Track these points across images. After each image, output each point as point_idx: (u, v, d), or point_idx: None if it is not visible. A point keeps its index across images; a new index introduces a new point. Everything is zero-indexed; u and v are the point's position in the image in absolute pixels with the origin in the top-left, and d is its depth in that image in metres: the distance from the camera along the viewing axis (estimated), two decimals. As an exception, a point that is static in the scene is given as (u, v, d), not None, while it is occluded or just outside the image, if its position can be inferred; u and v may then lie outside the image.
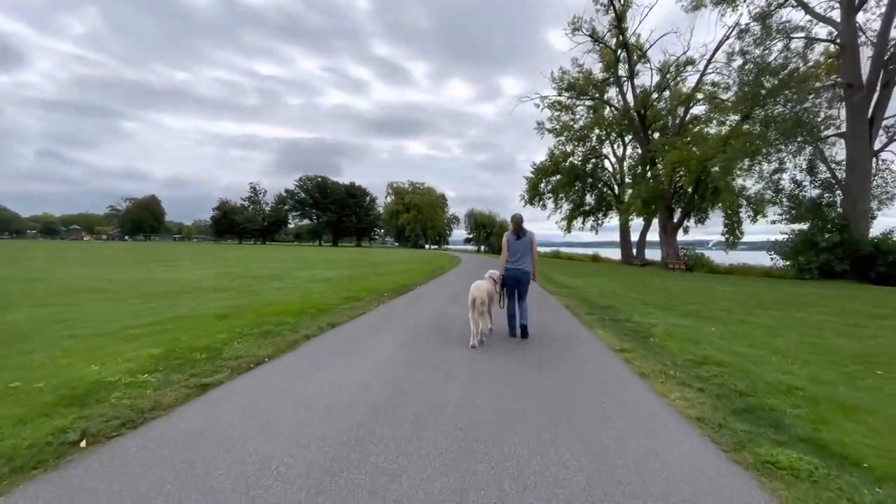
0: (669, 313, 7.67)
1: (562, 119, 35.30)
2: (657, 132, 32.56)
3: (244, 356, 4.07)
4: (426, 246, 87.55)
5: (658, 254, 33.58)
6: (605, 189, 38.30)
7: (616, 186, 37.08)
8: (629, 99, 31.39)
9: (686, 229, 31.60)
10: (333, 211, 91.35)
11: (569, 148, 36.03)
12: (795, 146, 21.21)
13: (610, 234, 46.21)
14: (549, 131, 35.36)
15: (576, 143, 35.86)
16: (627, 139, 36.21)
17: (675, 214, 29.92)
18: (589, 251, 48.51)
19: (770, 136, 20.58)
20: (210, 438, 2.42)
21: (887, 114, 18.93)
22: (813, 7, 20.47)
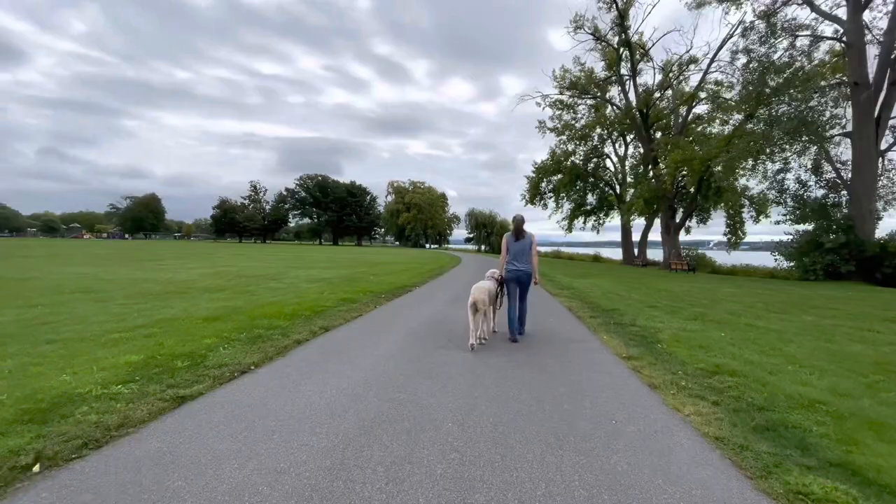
0: (675, 316, 7.43)
1: (563, 118, 35.09)
2: (659, 131, 32.29)
3: (229, 364, 3.84)
4: (426, 245, 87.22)
5: (659, 254, 33.35)
6: (607, 189, 38.03)
7: (618, 186, 36.82)
8: (631, 98, 31.14)
9: (688, 229, 31.37)
10: (334, 210, 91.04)
11: (570, 147, 35.80)
12: (800, 146, 20.94)
13: (610, 234, 46.03)
14: (551, 130, 35.12)
15: (577, 142, 35.62)
16: (629, 138, 35.95)
17: (678, 214, 29.68)
18: (589, 251, 48.32)
19: (774, 136, 20.31)
20: (179, 461, 2.18)
21: (894, 113, 18.64)
22: (819, 5, 20.20)
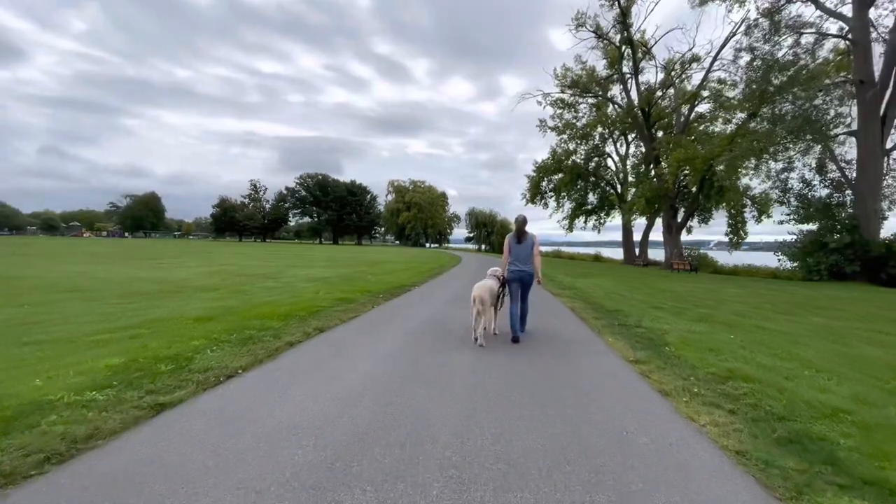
0: (681, 318, 7.22)
1: (564, 117, 34.85)
2: (661, 130, 32.06)
3: (215, 367, 3.63)
4: (427, 245, 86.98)
5: (660, 254, 33.14)
6: (608, 188, 37.80)
7: (619, 185, 36.59)
8: (633, 96, 30.91)
9: (689, 229, 31.15)
10: (334, 209, 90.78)
11: (571, 146, 35.56)
12: (804, 145, 20.70)
13: (611, 234, 45.80)
14: (552, 129, 34.87)
15: (578, 141, 35.39)
16: (631, 137, 35.72)
17: (679, 214, 29.45)
18: (590, 251, 48.06)
19: (778, 135, 20.07)
20: (147, 481, 1.97)
21: (900, 112, 18.38)
22: (823, 2, 19.95)
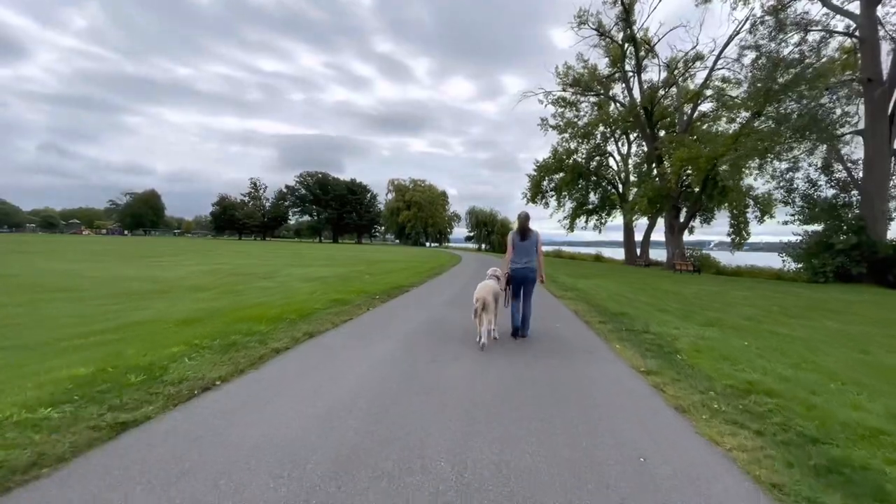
0: (689, 322, 6.92)
1: (566, 115, 34.58)
2: (663, 130, 31.75)
3: (190, 378, 3.33)
4: (427, 244, 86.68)
5: (661, 254, 32.84)
6: (609, 187, 37.51)
7: (620, 185, 36.30)
8: (635, 95, 30.59)
9: (691, 229, 30.86)
10: (334, 207, 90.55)
11: (572, 145, 35.28)
12: (809, 144, 20.37)
13: (612, 234, 45.50)
14: (553, 128, 34.60)
15: (580, 140, 35.09)
16: (633, 137, 35.42)
17: (681, 214, 29.15)
18: (591, 250, 47.76)
19: (784, 134, 19.75)
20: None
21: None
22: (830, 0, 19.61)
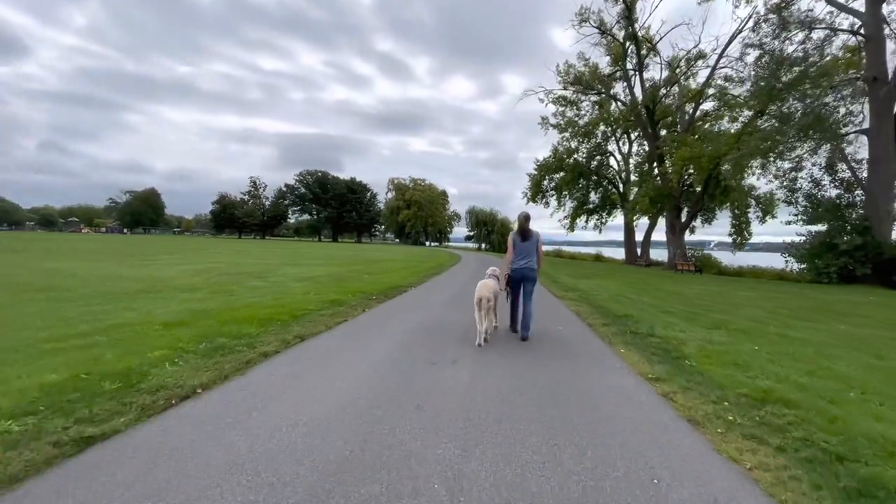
0: (695, 324, 6.71)
1: (566, 114, 34.36)
2: (664, 129, 31.51)
3: (170, 386, 3.12)
4: (426, 243, 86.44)
5: (661, 254, 32.66)
6: (610, 187, 37.31)
7: (621, 184, 36.10)
8: (637, 93, 30.34)
9: (692, 229, 30.66)
10: (333, 206, 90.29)
11: (573, 144, 35.08)
12: (813, 143, 20.13)
13: (612, 234, 45.34)
14: (554, 127, 34.38)
15: (580, 140, 34.89)
16: (634, 136, 35.21)
17: (683, 214, 28.93)
18: (591, 250, 47.56)
19: (787, 133, 19.51)
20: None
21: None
22: (835, -4, 19.37)
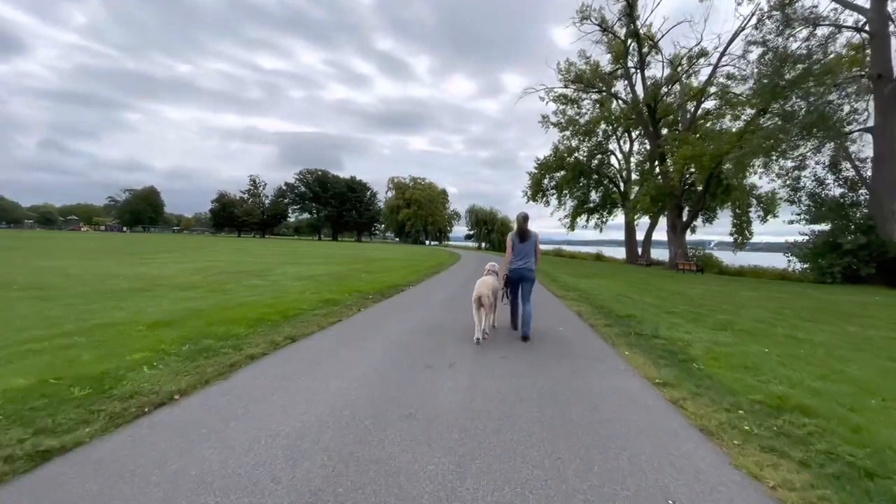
0: (700, 325, 6.51)
1: (567, 113, 34.13)
2: (666, 128, 31.29)
3: (145, 391, 2.92)
4: (426, 242, 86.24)
5: (662, 253, 32.48)
6: (611, 186, 37.10)
7: (622, 183, 35.90)
8: (638, 92, 30.10)
9: (693, 229, 30.45)
10: (333, 205, 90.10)
11: (574, 143, 34.87)
12: (817, 142, 19.91)
13: (612, 233, 45.17)
14: (554, 125, 34.16)
15: (581, 138, 34.67)
16: (635, 135, 34.99)
17: (684, 213, 28.72)
18: (591, 249, 47.36)
19: (790, 131, 19.29)
20: None
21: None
22: (840, -7, 19.13)
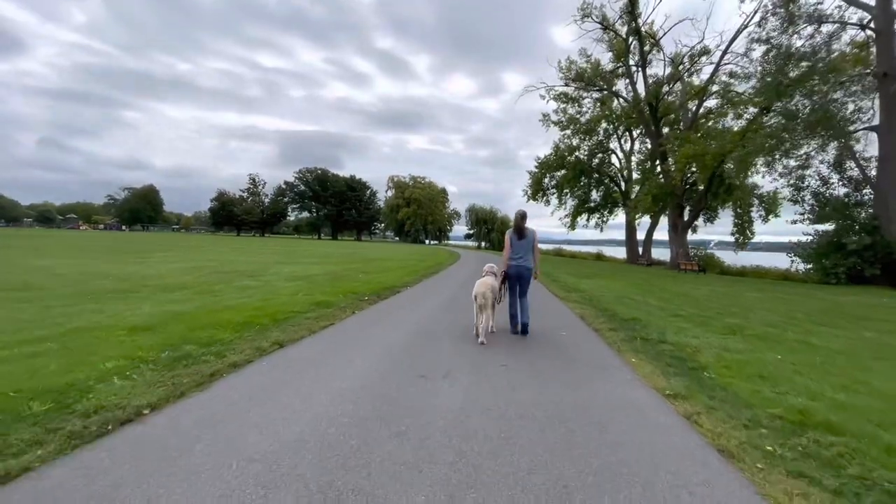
0: (708, 329, 6.26)
1: (568, 111, 33.87)
2: (667, 127, 31.03)
3: (110, 406, 2.66)
4: (426, 241, 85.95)
5: (662, 253, 32.26)
6: (612, 185, 36.86)
7: (623, 183, 35.65)
8: (640, 90, 29.82)
9: (694, 228, 30.21)
10: (333, 204, 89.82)
11: (575, 141, 34.64)
12: (821, 140, 19.65)
13: (612, 233, 45.01)
14: (555, 124, 33.91)
15: (582, 137, 34.42)
16: (636, 134, 34.76)
17: (685, 212, 28.48)
18: (591, 249, 47.11)
19: (795, 130, 19.03)
20: None
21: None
22: (844, -10, 18.85)
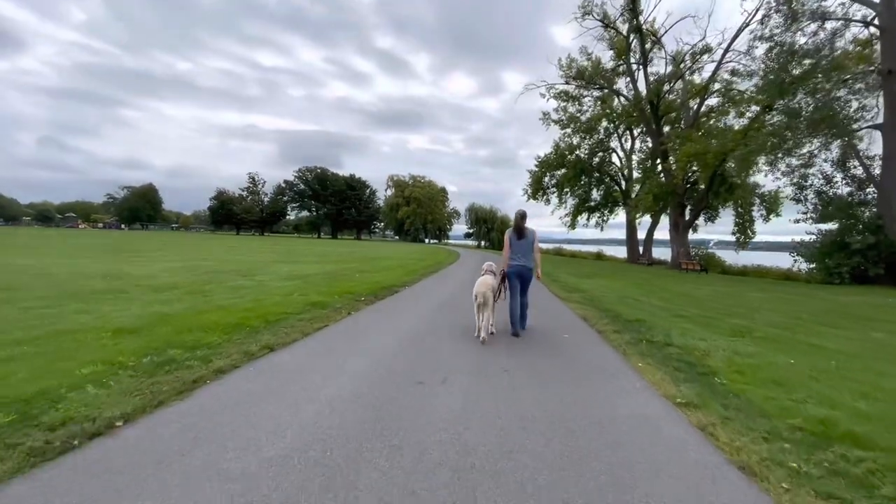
0: (714, 331, 6.07)
1: (568, 110, 33.69)
2: (668, 125, 30.83)
3: (80, 418, 2.47)
4: (426, 240, 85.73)
5: (663, 253, 32.10)
6: (612, 184, 36.67)
7: (623, 182, 35.46)
8: (641, 88, 29.61)
9: (695, 228, 30.05)
10: (333, 203, 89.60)
11: (575, 140, 34.44)
12: (824, 139, 19.46)
13: (612, 232, 44.81)
14: (555, 122, 33.73)
15: (583, 136, 34.21)
16: (636, 132, 34.56)
17: (687, 211, 28.30)
18: (591, 248, 46.94)
19: (798, 128, 18.83)
20: None
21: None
22: (848, -12, 18.65)
